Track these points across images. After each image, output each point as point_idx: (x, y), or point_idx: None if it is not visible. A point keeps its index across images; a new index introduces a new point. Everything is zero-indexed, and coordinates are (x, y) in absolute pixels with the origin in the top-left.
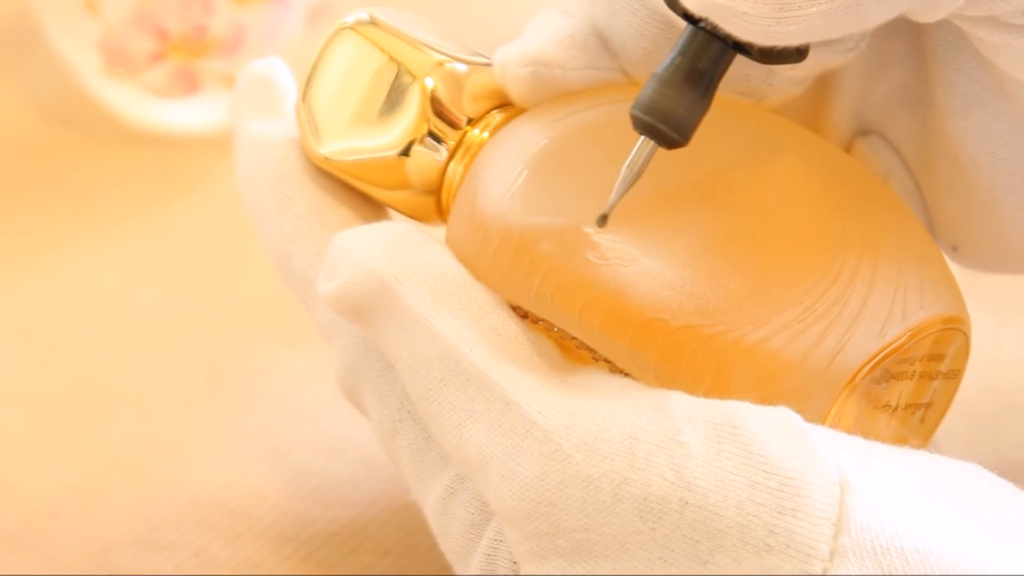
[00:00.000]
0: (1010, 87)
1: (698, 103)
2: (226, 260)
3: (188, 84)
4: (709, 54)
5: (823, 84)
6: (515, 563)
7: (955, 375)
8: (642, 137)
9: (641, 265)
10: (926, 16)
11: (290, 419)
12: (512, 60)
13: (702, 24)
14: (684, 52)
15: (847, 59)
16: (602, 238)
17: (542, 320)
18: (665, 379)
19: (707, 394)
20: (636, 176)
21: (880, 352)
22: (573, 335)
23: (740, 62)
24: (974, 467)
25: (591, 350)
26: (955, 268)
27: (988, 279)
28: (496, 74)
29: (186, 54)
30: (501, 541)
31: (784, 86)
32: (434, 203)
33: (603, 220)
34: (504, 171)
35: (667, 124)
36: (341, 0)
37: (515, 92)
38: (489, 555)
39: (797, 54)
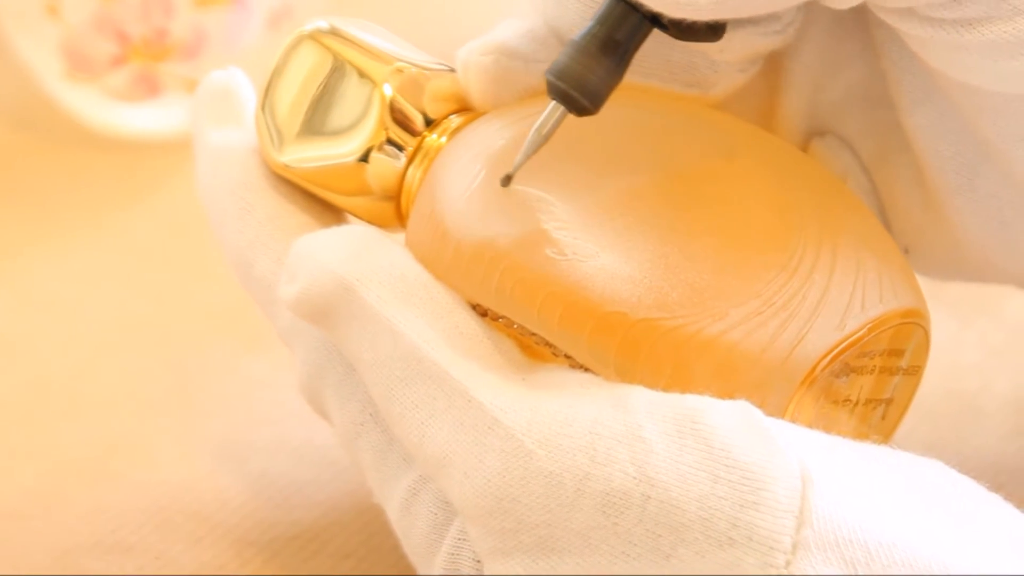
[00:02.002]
0: (946, 84)
1: (612, 73)
2: (188, 263)
3: (149, 88)
4: (626, 26)
5: (777, 83)
6: (479, 561)
7: (915, 371)
8: (552, 102)
9: (600, 260)
10: (839, 1)
11: (252, 422)
12: (476, 49)
13: None
14: (602, 22)
15: (777, 42)
16: (561, 234)
17: (502, 317)
18: (625, 373)
19: (667, 387)
20: (544, 140)
21: (839, 344)
22: (533, 331)
23: (686, 50)
24: (934, 462)
25: (551, 346)
26: None
27: (947, 282)
28: (459, 67)
29: (147, 58)
30: (464, 540)
31: (728, 72)
32: (394, 209)
33: (507, 180)
34: (463, 171)
35: (579, 91)
36: (302, 4)
37: (477, 84)
38: (452, 554)
39: (710, 31)
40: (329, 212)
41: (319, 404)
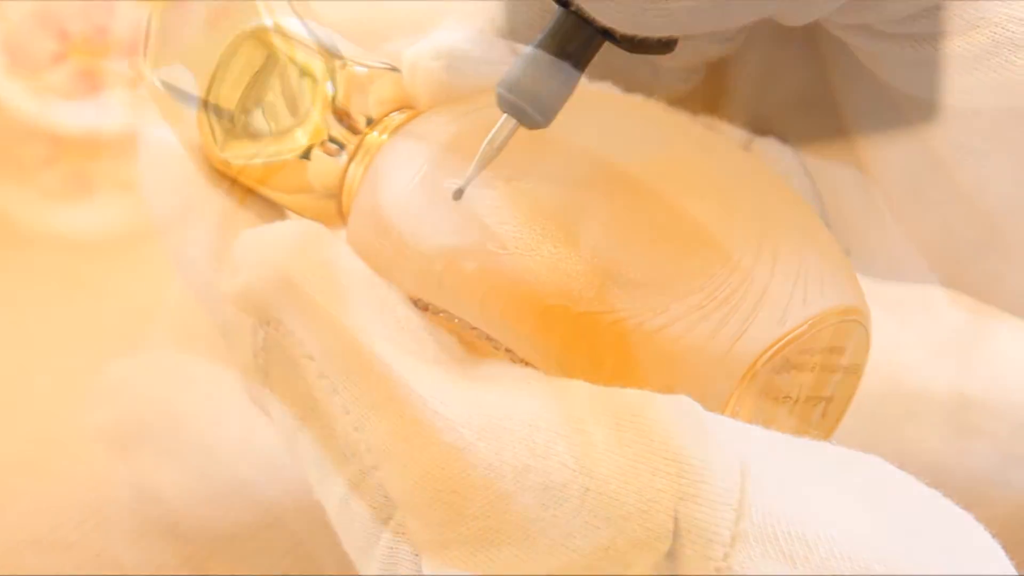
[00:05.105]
0: (895, 96)
1: (564, 86)
2: (128, 259)
3: (90, 85)
4: (578, 38)
5: (717, 88)
6: (416, 555)
7: (856, 370)
8: (504, 115)
9: (542, 253)
10: (793, 20)
11: (193, 420)
12: (425, 54)
13: (572, 8)
14: (554, 34)
15: (725, 50)
16: (502, 228)
17: (443, 312)
18: (566, 366)
19: (608, 381)
20: (496, 153)
21: (780, 340)
22: (474, 326)
23: (627, 56)
24: (873, 458)
25: (492, 341)
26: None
27: (888, 283)
28: (406, 71)
29: (88, 55)
30: (402, 535)
31: (670, 81)
32: (336, 206)
33: (459, 194)
34: (404, 167)
35: (531, 105)
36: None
37: (426, 88)
38: (391, 548)
39: (662, 45)
40: (271, 210)
41: (260, 400)
